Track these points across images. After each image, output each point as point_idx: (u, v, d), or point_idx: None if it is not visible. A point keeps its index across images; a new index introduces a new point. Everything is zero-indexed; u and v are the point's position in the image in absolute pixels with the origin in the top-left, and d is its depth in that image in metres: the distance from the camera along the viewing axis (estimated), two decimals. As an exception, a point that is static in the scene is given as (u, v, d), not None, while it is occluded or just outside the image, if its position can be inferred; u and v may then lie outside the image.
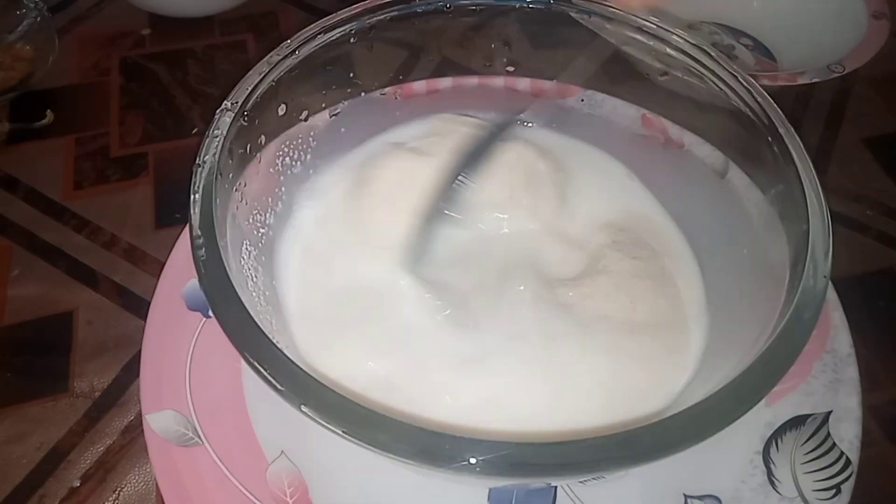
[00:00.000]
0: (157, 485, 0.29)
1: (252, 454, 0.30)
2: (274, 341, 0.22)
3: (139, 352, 0.32)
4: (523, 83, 0.39)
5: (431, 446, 0.19)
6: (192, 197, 0.24)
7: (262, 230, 0.30)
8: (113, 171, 0.44)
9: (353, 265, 0.32)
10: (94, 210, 0.42)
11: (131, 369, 0.35)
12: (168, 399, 0.31)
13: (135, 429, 0.33)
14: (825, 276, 0.23)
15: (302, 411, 0.20)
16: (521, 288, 0.30)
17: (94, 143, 0.45)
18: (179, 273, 0.34)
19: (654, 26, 0.32)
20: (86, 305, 0.37)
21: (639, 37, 0.33)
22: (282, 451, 0.30)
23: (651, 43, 0.33)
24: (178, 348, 0.32)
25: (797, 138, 0.28)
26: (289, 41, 0.30)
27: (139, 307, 0.37)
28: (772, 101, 0.29)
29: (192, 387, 0.31)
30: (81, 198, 0.42)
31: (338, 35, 0.32)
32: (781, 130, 0.28)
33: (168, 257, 0.35)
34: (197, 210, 0.24)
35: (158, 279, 0.34)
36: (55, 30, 0.49)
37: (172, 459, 0.29)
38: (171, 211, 0.42)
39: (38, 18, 0.47)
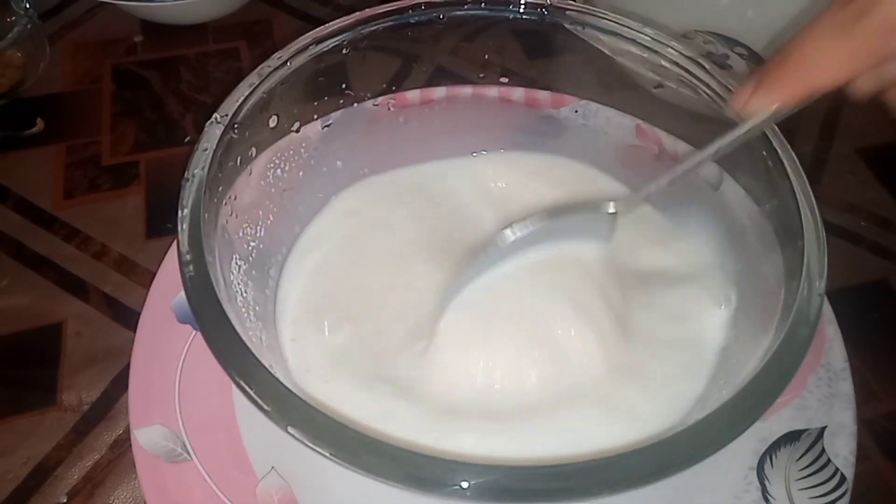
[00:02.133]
0: (145, 501, 0.29)
1: (242, 470, 0.29)
2: (262, 360, 0.22)
3: (129, 364, 0.32)
4: (517, 93, 0.39)
5: (421, 471, 0.19)
6: (180, 212, 0.24)
7: (252, 243, 0.30)
8: (104, 180, 0.43)
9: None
10: (85, 219, 0.41)
11: (120, 382, 0.34)
12: (157, 414, 0.30)
13: (123, 443, 0.33)
14: (820, 295, 0.23)
15: (289, 432, 0.20)
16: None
17: (85, 151, 0.45)
18: (170, 284, 0.34)
19: (649, 38, 0.32)
20: (75, 317, 0.37)
21: (633, 48, 0.33)
22: (272, 468, 0.29)
23: (645, 54, 0.33)
24: (167, 361, 0.32)
25: (791, 151, 0.28)
26: (280, 52, 0.30)
27: (129, 319, 0.36)
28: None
29: (181, 401, 0.31)
30: (72, 207, 0.42)
31: (330, 46, 0.31)
32: (775, 143, 0.28)
33: (159, 268, 0.35)
34: (185, 226, 0.24)
35: (149, 290, 0.34)
36: (46, 36, 0.49)
37: (161, 475, 0.29)
38: (162, 221, 0.41)
39: (29, 25, 0.46)
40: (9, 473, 0.32)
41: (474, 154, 0.39)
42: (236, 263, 0.27)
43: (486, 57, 0.38)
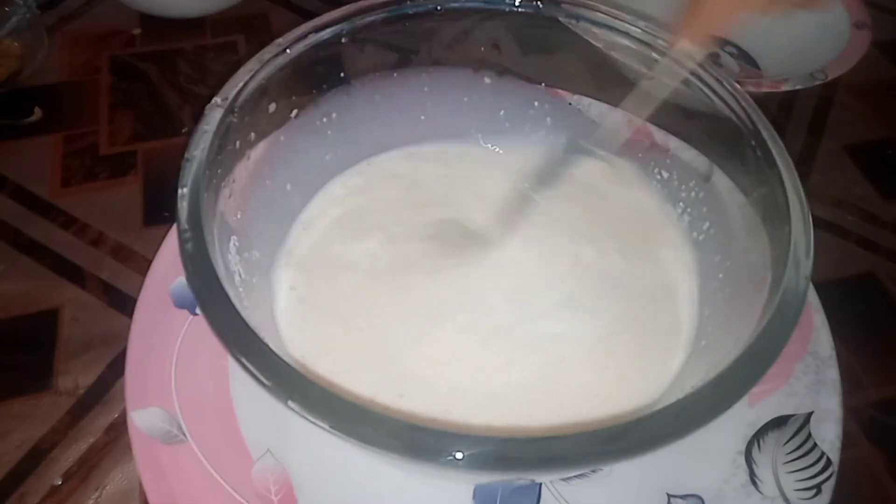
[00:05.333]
0: (140, 482, 0.29)
1: (237, 452, 0.29)
2: (260, 336, 0.22)
3: (125, 349, 0.32)
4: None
5: (417, 441, 0.19)
6: (179, 191, 0.24)
7: (249, 227, 0.30)
8: (101, 169, 0.43)
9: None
10: (82, 207, 0.41)
11: (117, 367, 0.35)
12: (153, 396, 0.30)
13: (119, 426, 0.33)
14: (806, 277, 0.24)
15: (288, 406, 0.20)
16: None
17: (82, 140, 0.45)
18: (167, 271, 0.34)
19: (641, 31, 0.33)
20: (72, 302, 0.37)
21: (626, 42, 0.34)
22: (267, 449, 0.30)
23: (638, 48, 0.33)
24: (164, 346, 0.32)
25: (780, 142, 0.28)
26: (280, 39, 0.30)
27: (126, 305, 0.36)
28: (756, 105, 0.29)
29: (177, 384, 0.31)
30: (69, 195, 0.42)
31: (329, 35, 0.32)
32: (765, 134, 0.28)
33: (155, 255, 0.35)
34: (185, 204, 0.24)
35: (145, 277, 0.34)
36: (45, 27, 0.49)
37: (157, 457, 0.29)
38: (159, 209, 0.41)
39: (28, 15, 0.47)
40: (4, 456, 0.32)
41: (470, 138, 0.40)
42: (233, 245, 0.28)
43: (482, 50, 0.38)
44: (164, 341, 0.32)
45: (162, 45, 0.51)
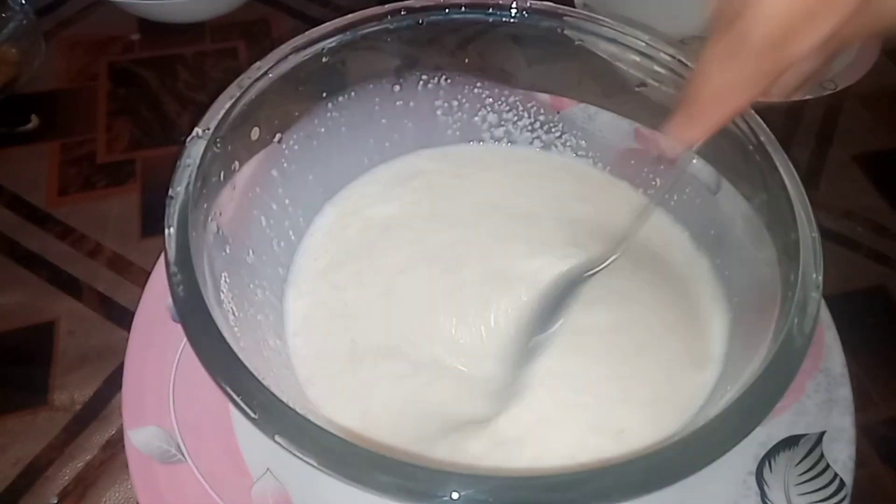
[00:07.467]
0: (137, 503, 0.28)
1: (237, 472, 0.29)
2: (253, 370, 0.21)
3: (122, 364, 0.31)
4: (517, 94, 0.39)
5: (408, 481, 0.19)
6: (166, 231, 0.23)
7: (243, 258, 0.29)
8: (99, 178, 0.43)
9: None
10: (79, 217, 0.41)
11: (114, 382, 0.34)
12: (151, 414, 0.30)
13: (116, 444, 0.32)
14: (817, 294, 0.23)
15: (276, 441, 0.20)
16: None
17: (80, 148, 0.44)
18: (165, 284, 0.33)
19: (645, 43, 0.32)
20: (68, 315, 0.36)
21: (631, 54, 0.33)
22: (267, 469, 0.29)
23: (642, 59, 0.33)
24: (162, 361, 0.31)
25: (786, 158, 0.28)
26: (259, 63, 0.29)
27: (123, 317, 0.36)
28: (760, 120, 0.29)
29: (175, 401, 0.30)
30: (66, 205, 0.41)
31: (311, 54, 0.30)
32: (770, 149, 0.28)
33: (154, 267, 0.34)
34: (172, 245, 0.23)
35: (143, 289, 0.34)
36: (41, 33, 0.48)
37: (154, 477, 0.28)
38: (157, 219, 0.40)
39: (24, 21, 0.46)
40: (-2, 474, 0.31)
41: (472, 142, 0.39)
42: (225, 281, 0.26)
43: (486, 61, 0.37)
44: (163, 356, 0.31)
45: (161, 51, 0.51)
